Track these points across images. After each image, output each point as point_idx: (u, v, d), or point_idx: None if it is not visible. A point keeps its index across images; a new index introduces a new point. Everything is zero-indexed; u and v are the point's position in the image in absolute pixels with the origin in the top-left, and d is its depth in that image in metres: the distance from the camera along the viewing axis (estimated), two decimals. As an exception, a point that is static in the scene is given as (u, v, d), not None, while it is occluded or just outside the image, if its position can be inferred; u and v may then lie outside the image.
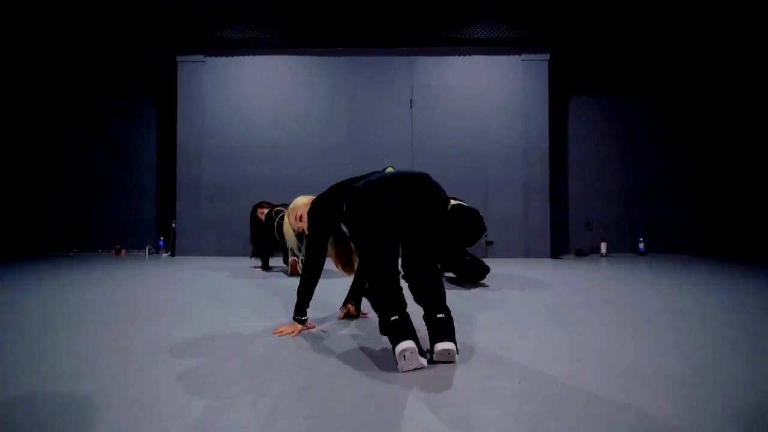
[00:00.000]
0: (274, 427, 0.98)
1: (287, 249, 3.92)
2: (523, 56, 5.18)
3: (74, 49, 5.61)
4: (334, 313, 2.16)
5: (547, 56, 5.18)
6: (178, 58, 5.25)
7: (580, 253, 5.54)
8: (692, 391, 1.19)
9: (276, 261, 4.31)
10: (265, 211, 4.06)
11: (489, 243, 5.13)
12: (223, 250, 5.17)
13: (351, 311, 2.06)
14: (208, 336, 1.75)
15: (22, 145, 5.75)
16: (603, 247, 5.49)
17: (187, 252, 5.18)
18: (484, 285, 3.11)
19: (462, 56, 5.22)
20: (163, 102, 5.75)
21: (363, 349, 1.58)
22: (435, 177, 1.59)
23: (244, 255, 5.11)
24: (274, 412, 1.06)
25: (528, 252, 5.13)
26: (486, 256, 5.14)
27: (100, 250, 5.78)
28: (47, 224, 5.80)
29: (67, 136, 5.83)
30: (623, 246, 5.67)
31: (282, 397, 1.14)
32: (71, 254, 5.56)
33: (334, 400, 1.13)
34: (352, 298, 2.07)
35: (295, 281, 1.93)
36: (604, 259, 5.33)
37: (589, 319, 2.06)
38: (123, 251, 5.69)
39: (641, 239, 5.54)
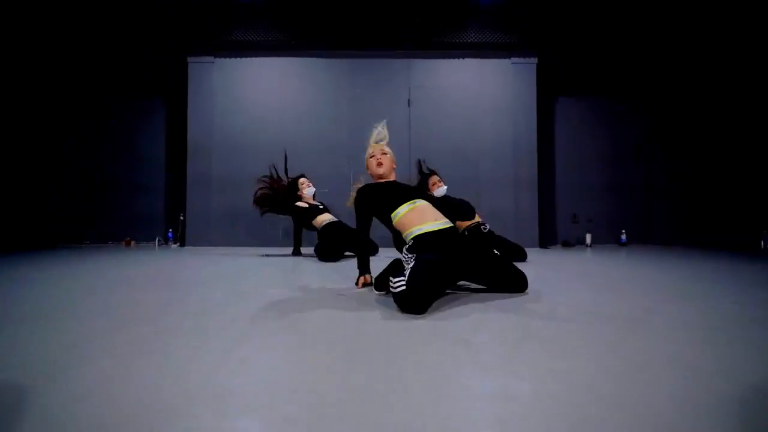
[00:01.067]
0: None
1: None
2: (513, 60, 5.56)
3: (91, 50, 5.91)
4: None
5: (535, 60, 5.56)
6: (189, 59, 5.54)
7: (567, 244, 5.92)
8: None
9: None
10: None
11: (481, 233, 5.48)
12: (233, 240, 5.46)
13: (366, 280, 2.20)
14: (242, 297, 2.06)
15: (39, 142, 6.00)
16: (588, 238, 5.87)
17: (197, 243, 5.47)
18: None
19: (456, 59, 5.58)
20: (172, 101, 6.04)
21: (380, 303, 1.91)
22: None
23: (253, 245, 5.43)
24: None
25: (518, 243, 5.48)
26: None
27: (110, 242, 6.04)
28: (61, 217, 6.04)
29: (80, 134, 6.09)
30: (607, 237, 6.05)
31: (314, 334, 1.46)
32: (83, 245, 5.82)
33: (359, 335, 1.46)
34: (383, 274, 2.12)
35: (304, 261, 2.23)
36: (588, 249, 5.71)
37: (571, 284, 2.41)
38: (132, 242, 5.95)
39: (623, 231, 5.93)
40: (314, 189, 4.37)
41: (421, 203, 2.07)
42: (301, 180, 4.40)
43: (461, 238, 2.11)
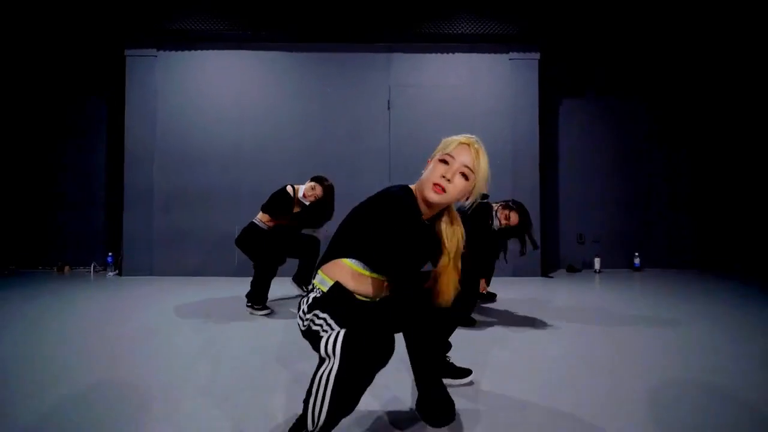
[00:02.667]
0: None
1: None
2: (512, 55, 4.74)
3: (15, 42, 5.00)
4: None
5: (537, 55, 4.74)
6: (127, 52, 4.66)
7: (572, 269, 5.13)
8: None
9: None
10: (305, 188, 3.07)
11: (474, 260, 4.67)
12: (179, 268, 4.59)
13: None
14: None
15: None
16: (597, 262, 5.07)
17: (137, 271, 4.59)
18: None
19: (444, 54, 4.75)
20: (113, 102, 5.14)
21: None
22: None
23: (205, 274, 4.56)
24: None
25: (516, 269, 4.68)
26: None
27: (41, 267, 5.14)
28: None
29: (2, 139, 5.18)
30: (618, 260, 5.27)
31: None
32: (6, 272, 4.92)
33: None
34: None
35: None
36: (597, 275, 4.93)
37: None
38: (67, 268, 5.06)
39: (636, 254, 5.14)
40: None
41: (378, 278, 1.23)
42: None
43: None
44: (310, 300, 1.16)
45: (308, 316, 1.14)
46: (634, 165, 5.38)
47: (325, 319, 1.11)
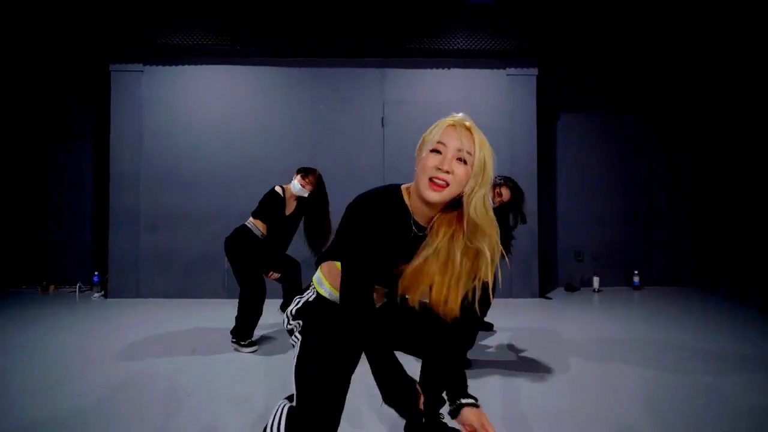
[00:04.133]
0: None
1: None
2: (509, 70, 4.61)
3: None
4: None
5: (535, 71, 4.62)
6: (112, 67, 4.51)
7: (571, 288, 5.02)
8: None
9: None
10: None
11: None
12: (166, 290, 4.46)
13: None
14: None
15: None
16: (595, 281, 4.97)
17: (123, 293, 4.45)
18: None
19: (440, 69, 4.62)
20: (100, 115, 4.99)
21: None
22: None
23: (192, 296, 4.43)
24: None
25: (513, 290, 4.58)
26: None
27: (24, 286, 5.00)
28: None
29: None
30: (617, 278, 5.16)
31: None
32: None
33: None
34: None
35: None
36: (596, 294, 4.84)
37: None
38: (52, 288, 4.92)
39: (636, 272, 5.04)
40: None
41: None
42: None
43: None
44: (301, 303, 1.19)
45: (293, 322, 1.17)
46: (633, 181, 5.27)
47: (300, 334, 1.14)
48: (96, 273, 4.90)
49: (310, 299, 1.18)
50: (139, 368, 2.43)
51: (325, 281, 1.18)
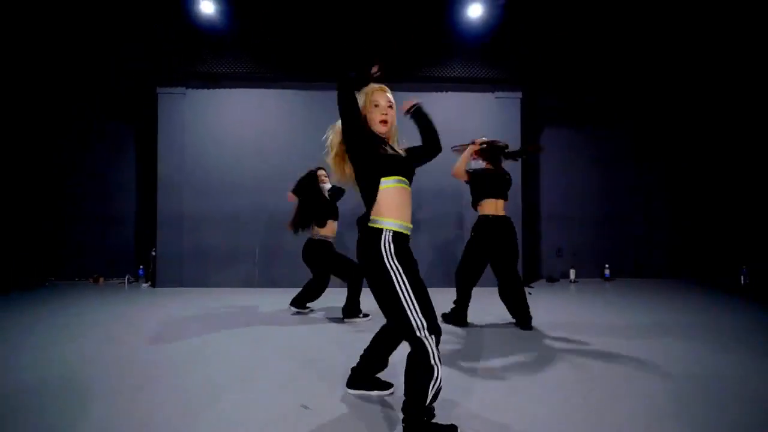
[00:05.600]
0: None
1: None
2: (497, 94, 5.43)
3: (56, 75, 5.58)
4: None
5: (519, 94, 5.44)
6: (158, 90, 5.26)
7: (552, 279, 5.83)
8: None
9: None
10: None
11: (465, 273, 5.35)
12: (206, 281, 5.22)
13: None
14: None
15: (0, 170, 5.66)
16: (572, 273, 5.79)
17: (168, 283, 5.21)
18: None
19: (439, 92, 5.42)
20: (143, 131, 5.75)
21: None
22: (412, 209, 1.82)
23: (229, 285, 5.19)
24: None
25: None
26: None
27: (77, 279, 5.73)
28: (23, 252, 5.70)
29: (43, 163, 5.76)
30: (592, 271, 5.98)
31: None
32: (47, 284, 5.50)
33: None
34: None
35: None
36: (572, 285, 5.64)
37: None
38: (101, 280, 5.66)
39: (607, 265, 5.87)
40: (330, 185, 3.68)
41: (408, 188, 1.68)
42: (320, 171, 3.78)
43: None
44: (391, 249, 1.55)
45: (394, 264, 1.54)
46: (606, 187, 6.10)
47: (401, 274, 1.53)
48: (141, 267, 5.65)
49: (390, 245, 1.53)
50: (207, 340, 3.19)
51: (387, 218, 1.56)
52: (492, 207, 3.37)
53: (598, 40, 5.54)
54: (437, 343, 1.49)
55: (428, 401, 1.48)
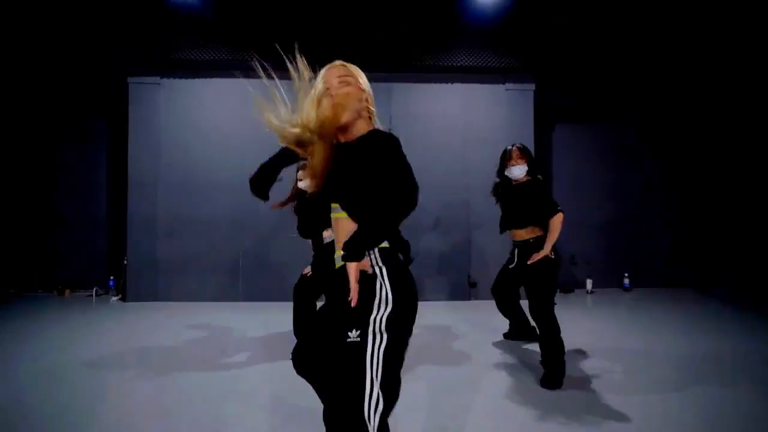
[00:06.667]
0: None
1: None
2: (508, 86, 4.91)
3: (17, 65, 5.00)
4: None
5: (533, 86, 4.92)
6: (130, 80, 4.69)
7: (566, 290, 5.32)
8: None
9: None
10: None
11: (472, 285, 4.82)
12: (183, 294, 4.66)
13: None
14: None
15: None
16: (588, 283, 5.28)
17: (141, 297, 4.64)
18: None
19: (443, 84, 4.89)
20: (115, 126, 5.17)
21: None
22: (415, 212, 1.20)
23: (209, 299, 4.63)
24: None
25: (513, 292, 4.85)
26: (469, 299, 4.85)
27: (40, 291, 5.15)
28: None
29: (3, 160, 5.17)
30: (609, 280, 5.48)
31: None
32: (7, 295, 4.92)
33: None
34: None
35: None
36: (589, 296, 5.14)
37: None
38: (68, 291, 5.08)
39: (626, 274, 5.37)
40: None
41: (341, 215, 1.23)
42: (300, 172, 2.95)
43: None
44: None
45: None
46: (624, 189, 5.60)
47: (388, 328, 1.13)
48: (111, 277, 5.08)
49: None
50: (174, 367, 2.64)
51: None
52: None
53: (622, 23, 5.03)
54: None
55: None
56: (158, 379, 2.41)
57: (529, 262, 2.59)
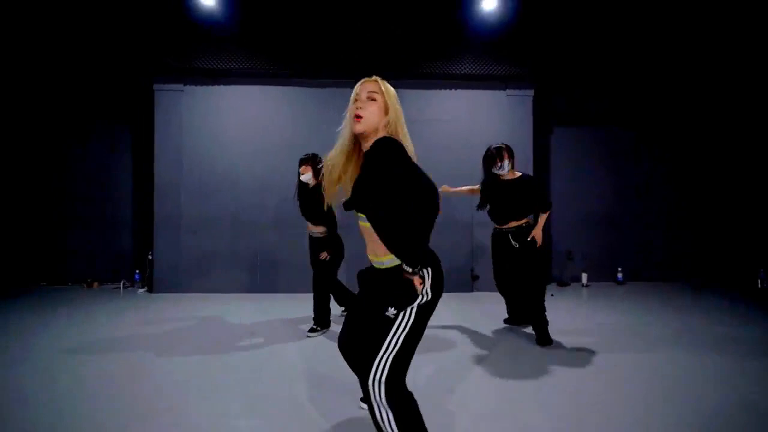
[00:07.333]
0: None
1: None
2: (509, 91, 5.22)
3: (49, 72, 5.34)
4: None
5: (531, 92, 5.24)
6: (155, 87, 5.03)
7: (562, 283, 5.65)
8: None
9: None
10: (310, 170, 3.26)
11: (475, 278, 5.16)
12: (205, 286, 5.00)
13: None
14: None
15: (-16, 172, 5.41)
16: (584, 277, 5.61)
17: (166, 288, 4.99)
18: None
19: (448, 90, 5.21)
20: (139, 131, 5.51)
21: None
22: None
23: (229, 290, 4.97)
24: None
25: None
26: (472, 291, 5.18)
27: (70, 283, 5.50)
28: (15, 255, 5.47)
29: (36, 162, 5.51)
30: (604, 275, 5.80)
31: None
32: (40, 287, 5.27)
33: None
34: None
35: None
36: (584, 289, 5.46)
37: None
38: (95, 284, 5.43)
39: (620, 269, 5.69)
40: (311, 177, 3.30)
41: (366, 224, 1.37)
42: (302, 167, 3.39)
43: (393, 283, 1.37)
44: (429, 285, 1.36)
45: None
46: (618, 188, 5.91)
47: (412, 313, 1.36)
48: (137, 271, 5.42)
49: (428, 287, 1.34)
50: (206, 350, 2.99)
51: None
52: None
53: (615, 33, 5.34)
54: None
55: None
56: (192, 356, 2.75)
57: (529, 239, 3.13)
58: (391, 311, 1.35)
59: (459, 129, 5.20)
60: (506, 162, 3.14)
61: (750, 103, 5.81)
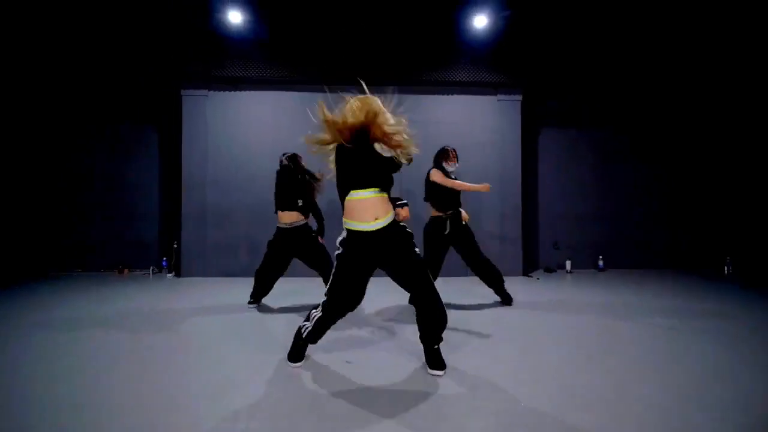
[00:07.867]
0: None
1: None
2: (499, 97, 5.81)
3: (82, 77, 5.91)
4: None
5: (520, 97, 5.83)
6: (183, 92, 5.60)
7: (549, 270, 6.23)
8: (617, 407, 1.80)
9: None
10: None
11: (469, 264, 5.74)
12: (229, 270, 5.58)
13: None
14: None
15: (28, 165, 5.98)
16: (568, 264, 6.19)
17: (192, 273, 5.56)
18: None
19: (444, 95, 5.80)
20: (165, 130, 6.09)
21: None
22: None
23: (251, 275, 5.53)
24: None
25: (502, 270, 5.75)
26: (467, 275, 5.76)
27: (103, 270, 6.07)
28: (52, 244, 6.03)
29: (72, 159, 6.08)
30: (587, 262, 6.39)
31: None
32: (75, 273, 5.84)
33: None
34: None
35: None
36: (569, 275, 6.04)
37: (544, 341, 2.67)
38: (126, 271, 6.00)
39: (600, 257, 6.28)
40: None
41: (374, 197, 2.09)
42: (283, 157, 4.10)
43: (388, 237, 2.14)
44: (340, 239, 2.30)
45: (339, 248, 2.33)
46: (600, 184, 6.50)
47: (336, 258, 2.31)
48: (164, 258, 6.00)
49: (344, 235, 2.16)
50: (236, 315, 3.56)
51: (345, 219, 2.16)
52: None
53: (596, 45, 5.94)
54: (331, 315, 2.23)
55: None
56: (223, 330, 3.33)
57: (464, 222, 3.75)
58: (418, 251, 2.19)
59: (455, 130, 5.79)
60: (455, 163, 3.91)
61: (722, 104, 6.40)
